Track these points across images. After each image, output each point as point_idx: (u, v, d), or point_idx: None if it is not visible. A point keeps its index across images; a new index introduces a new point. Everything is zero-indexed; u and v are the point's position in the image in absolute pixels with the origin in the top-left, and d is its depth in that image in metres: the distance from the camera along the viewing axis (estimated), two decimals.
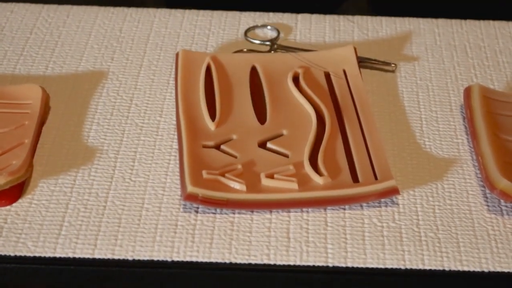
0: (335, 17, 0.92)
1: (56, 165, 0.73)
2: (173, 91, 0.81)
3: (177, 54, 0.82)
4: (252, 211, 0.69)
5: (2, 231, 0.66)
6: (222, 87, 0.79)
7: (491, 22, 0.91)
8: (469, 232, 0.68)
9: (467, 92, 0.79)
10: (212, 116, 0.76)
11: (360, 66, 0.82)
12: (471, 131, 0.75)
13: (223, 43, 0.88)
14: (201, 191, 0.68)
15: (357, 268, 0.65)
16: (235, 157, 0.73)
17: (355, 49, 0.83)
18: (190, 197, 0.68)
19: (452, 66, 0.85)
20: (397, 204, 0.70)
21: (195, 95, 0.79)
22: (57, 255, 0.65)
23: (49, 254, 0.65)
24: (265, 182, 0.70)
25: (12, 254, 0.65)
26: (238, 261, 0.65)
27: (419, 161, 0.74)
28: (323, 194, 0.69)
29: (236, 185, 0.70)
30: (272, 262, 0.65)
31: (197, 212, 0.69)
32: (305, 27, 0.90)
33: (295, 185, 0.70)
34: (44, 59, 0.85)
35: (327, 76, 0.81)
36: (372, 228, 0.68)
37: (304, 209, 0.69)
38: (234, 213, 0.69)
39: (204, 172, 0.70)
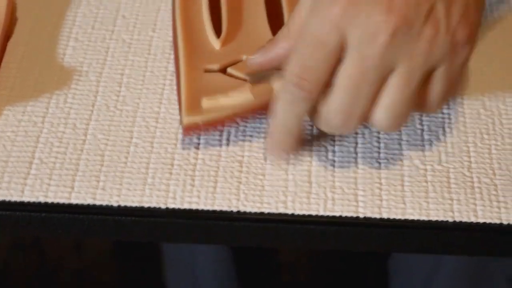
0: None
1: (24, 89, 0.73)
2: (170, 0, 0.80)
3: None
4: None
5: None
6: None
7: None
8: None
9: None
10: (218, 31, 0.75)
11: None
12: None
13: None
14: (201, 117, 0.67)
15: (394, 220, 0.65)
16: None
17: None
18: (189, 129, 0.68)
19: None
20: (444, 142, 0.69)
21: (196, 4, 0.77)
22: (25, 199, 0.65)
23: (15, 198, 0.65)
24: None
25: None
26: (248, 209, 0.65)
27: (470, 88, 0.72)
28: None
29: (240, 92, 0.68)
30: (289, 212, 0.65)
31: (197, 148, 0.69)
32: None
33: None
34: None
35: None
36: (413, 171, 0.68)
37: (330, 148, 0.69)
38: (243, 151, 0.69)
39: (204, 100, 0.69)
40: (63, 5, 0.80)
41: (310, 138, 0.69)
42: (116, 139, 0.69)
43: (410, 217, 0.65)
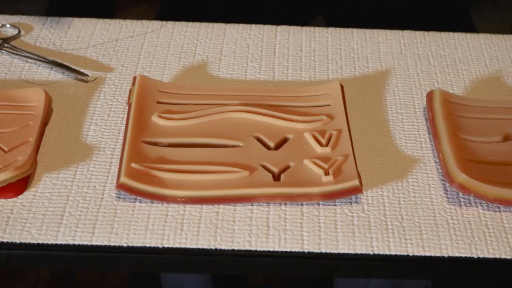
0: (311, 28, 0.92)
1: (58, 161, 0.73)
2: None
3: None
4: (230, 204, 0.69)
5: (8, 221, 0.67)
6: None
7: (451, 33, 0.92)
8: (430, 221, 0.68)
9: (429, 96, 0.79)
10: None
11: None
12: (432, 131, 0.76)
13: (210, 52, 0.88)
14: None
15: (330, 253, 0.65)
16: None
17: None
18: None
19: (416, 73, 0.86)
20: (366, 196, 0.70)
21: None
22: (59, 242, 0.65)
23: (51, 241, 0.65)
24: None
25: (17, 241, 0.65)
26: (223, 247, 0.65)
27: (386, 158, 0.74)
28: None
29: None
30: (253, 248, 0.65)
31: (185, 203, 0.69)
32: (284, 38, 0.90)
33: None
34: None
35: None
36: (343, 217, 0.68)
37: (282, 202, 0.69)
38: (218, 205, 0.69)
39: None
40: (86, 99, 0.80)
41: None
42: (125, 197, 0.69)
43: (342, 251, 0.65)
